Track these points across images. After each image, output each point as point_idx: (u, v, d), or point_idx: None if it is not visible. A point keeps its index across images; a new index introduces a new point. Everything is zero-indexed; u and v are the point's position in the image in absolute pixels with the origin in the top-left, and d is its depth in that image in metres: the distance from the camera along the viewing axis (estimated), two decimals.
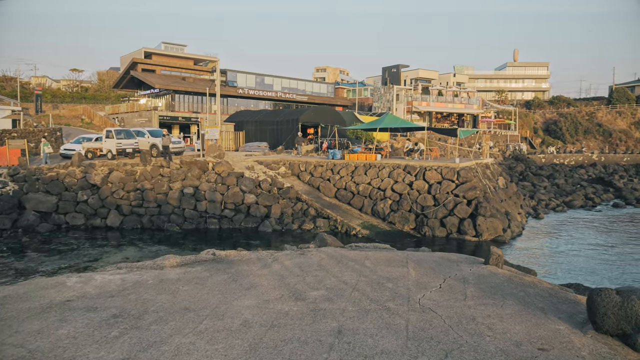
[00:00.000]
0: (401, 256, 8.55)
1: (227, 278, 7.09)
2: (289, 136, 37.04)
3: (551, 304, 6.16)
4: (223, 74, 61.30)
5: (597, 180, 44.75)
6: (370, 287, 6.66)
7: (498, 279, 7.19)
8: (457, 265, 8.00)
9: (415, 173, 24.12)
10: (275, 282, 6.88)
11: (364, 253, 8.69)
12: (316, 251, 8.77)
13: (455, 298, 6.27)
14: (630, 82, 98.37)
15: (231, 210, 24.10)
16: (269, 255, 8.58)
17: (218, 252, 8.54)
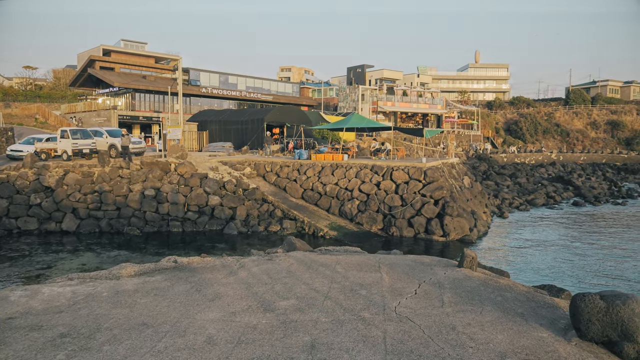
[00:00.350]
0: (373, 260, 8.23)
1: (190, 288, 6.59)
2: (254, 136, 36.41)
3: (530, 308, 5.94)
4: (185, 72, 60.06)
5: (557, 178, 45.87)
6: (343, 295, 6.30)
7: (473, 283, 6.94)
8: (431, 268, 7.73)
9: (383, 173, 23.97)
10: (242, 292, 6.43)
11: (334, 257, 8.32)
12: (285, 256, 8.35)
13: (432, 305, 5.97)
14: (586, 83, 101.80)
15: (195, 213, 23.39)
16: (234, 261, 8.10)
17: (180, 259, 8.00)
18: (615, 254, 18.92)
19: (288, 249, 9.17)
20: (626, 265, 17.27)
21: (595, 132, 77.56)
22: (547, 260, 17.57)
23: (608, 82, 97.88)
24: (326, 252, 8.95)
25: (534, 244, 20.52)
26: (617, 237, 22.08)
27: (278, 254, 8.53)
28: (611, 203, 33.51)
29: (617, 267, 16.89)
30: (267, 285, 6.68)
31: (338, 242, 21.20)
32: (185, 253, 19.31)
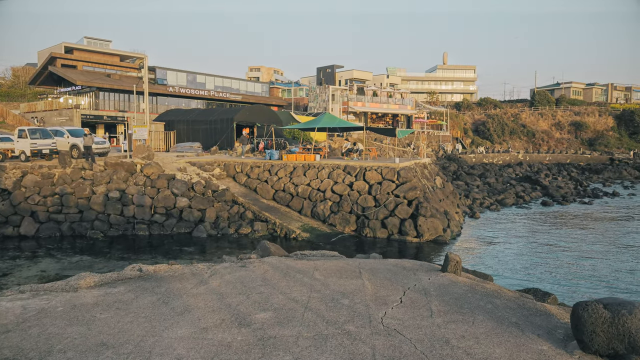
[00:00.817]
0: (353, 265, 7.78)
1: (156, 300, 6.00)
2: (224, 136, 35.60)
3: (523, 317, 5.60)
4: (152, 71, 58.56)
5: (525, 178, 46.56)
6: (324, 305, 5.82)
7: (460, 289, 6.58)
8: (414, 274, 7.34)
9: (356, 173, 23.63)
10: (214, 303, 5.88)
11: (312, 263, 7.85)
12: (259, 262, 7.82)
13: (420, 315, 5.56)
14: (550, 85, 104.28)
15: (162, 215, 22.56)
16: (205, 268, 7.53)
17: (145, 267, 7.38)
18: (587, 254, 19.04)
19: (262, 254, 8.65)
20: (600, 264, 17.37)
21: (559, 132, 79.39)
22: (524, 261, 17.52)
23: (571, 84, 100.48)
24: (303, 257, 8.46)
25: (508, 245, 20.50)
26: (587, 237, 22.31)
27: (252, 260, 8.00)
28: (578, 202, 34.08)
29: (592, 267, 16.96)
30: (241, 296, 6.15)
31: (311, 243, 20.76)
32: (152, 257, 18.56)
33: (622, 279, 15.40)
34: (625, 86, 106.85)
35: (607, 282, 14.96)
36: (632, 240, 21.67)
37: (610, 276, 15.68)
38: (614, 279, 15.39)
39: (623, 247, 20.28)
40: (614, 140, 76.08)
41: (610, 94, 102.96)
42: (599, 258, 18.21)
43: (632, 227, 24.79)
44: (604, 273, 15.99)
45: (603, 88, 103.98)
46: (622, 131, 78.46)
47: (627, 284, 14.81)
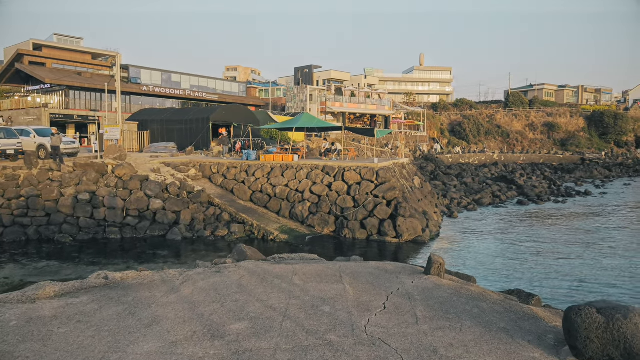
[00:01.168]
0: (333, 269, 7.45)
1: (122, 311, 5.55)
2: (200, 136, 34.92)
3: (511, 321, 5.34)
4: (125, 69, 57.28)
5: (501, 178, 46.98)
6: (304, 313, 5.47)
7: (445, 292, 6.31)
8: (397, 277, 7.04)
9: (334, 174, 23.33)
10: (186, 313, 5.46)
11: (290, 267, 7.48)
12: (235, 267, 7.42)
13: (405, 322, 5.25)
14: (523, 87, 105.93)
15: (135, 218, 21.89)
16: (177, 275, 7.09)
17: (112, 274, 6.91)
18: (564, 252, 19.11)
19: (238, 259, 8.24)
20: (577, 262, 17.42)
21: (533, 133, 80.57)
22: (503, 261, 17.45)
23: (544, 86, 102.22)
24: (281, 261, 8.09)
25: (487, 245, 20.46)
26: (563, 235, 22.45)
27: (227, 265, 7.59)
28: (553, 202, 34.46)
29: (569, 265, 16.98)
30: (215, 304, 5.74)
31: (289, 245, 20.40)
32: (124, 262, 17.96)
33: (598, 276, 15.45)
34: (595, 88, 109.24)
35: (585, 279, 14.97)
36: (605, 237, 21.89)
37: (587, 273, 15.70)
38: (591, 276, 15.41)
39: (597, 244, 20.44)
40: (584, 141, 77.57)
41: (581, 95, 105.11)
42: (576, 256, 18.29)
43: (604, 225, 25.09)
44: (581, 271, 16.01)
45: (574, 90, 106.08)
46: (592, 132, 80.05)
47: (604, 280, 14.85)
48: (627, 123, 78.38)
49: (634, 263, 17.32)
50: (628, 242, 20.98)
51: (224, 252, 19.64)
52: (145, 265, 17.82)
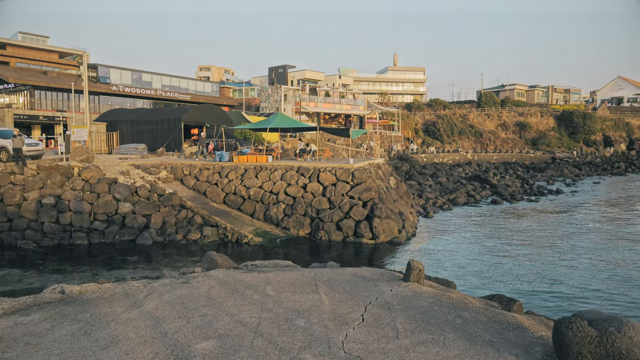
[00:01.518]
0: (308, 277, 7.08)
1: (77, 330, 5.06)
2: (171, 137, 34.12)
3: (496, 333, 5.06)
4: (93, 69, 55.82)
5: (474, 177, 47.33)
6: (277, 329, 5.08)
7: (425, 301, 6.01)
8: (375, 284, 6.71)
9: (309, 175, 22.97)
10: (148, 331, 5.01)
11: (263, 275, 7.08)
12: (204, 277, 6.98)
13: (385, 336, 4.91)
14: (495, 87, 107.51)
15: (102, 222, 21.12)
16: (141, 287, 6.61)
17: (69, 287, 6.38)
18: (540, 252, 19.14)
19: (208, 267, 7.80)
20: (552, 261, 17.44)
21: (505, 132, 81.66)
22: (481, 262, 17.31)
23: (515, 86, 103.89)
24: (253, 269, 7.68)
25: (463, 245, 20.37)
26: (538, 235, 22.56)
27: (196, 275, 7.14)
28: (526, 200, 34.79)
29: (545, 265, 16.98)
30: (180, 320, 5.31)
31: (264, 248, 19.98)
32: (91, 269, 17.27)
33: (576, 276, 15.46)
34: (564, 88, 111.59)
35: (563, 280, 14.94)
36: (579, 237, 22.07)
37: (565, 274, 15.70)
38: (569, 276, 15.41)
39: (571, 244, 20.57)
40: (555, 140, 78.97)
41: (551, 95, 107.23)
42: (552, 256, 18.32)
43: (577, 223, 25.36)
44: (558, 271, 15.99)
45: (544, 90, 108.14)
46: (562, 131, 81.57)
47: (582, 282, 14.85)
48: (595, 122, 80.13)
49: (610, 262, 17.44)
50: (601, 242, 21.19)
51: (196, 256, 19.10)
52: (114, 272, 17.16)
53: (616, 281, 14.92)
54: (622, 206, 32.05)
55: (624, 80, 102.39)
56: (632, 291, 13.74)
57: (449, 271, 15.86)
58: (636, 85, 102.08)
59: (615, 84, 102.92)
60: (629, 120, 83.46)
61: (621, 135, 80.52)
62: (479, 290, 13.18)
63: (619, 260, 17.69)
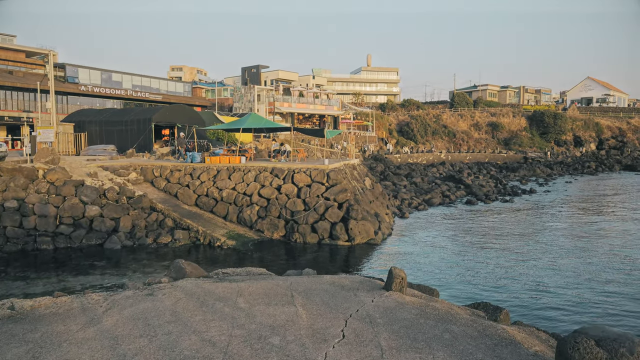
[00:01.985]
0: (283, 286, 6.63)
1: (24, 354, 4.51)
2: (141, 137, 33.16)
3: (488, 349, 4.71)
4: (61, 68, 54.19)
5: (449, 178, 47.51)
6: (249, 348, 4.62)
7: (410, 313, 5.63)
8: (355, 294, 6.31)
9: (284, 176, 22.50)
10: (105, 353, 4.49)
11: (235, 285, 6.61)
12: (171, 288, 6.47)
13: (369, 355, 4.51)
14: (468, 87, 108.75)
15: (69, 226, 20.29)
16: (101, 300, 6.06)
17: (20, 302, 5.79)
18: (516, 253, 19.09)
19: (176, 276, 7.27)
20: (530, 263, 17.38)
21: (478, 133, 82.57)
22: (459, 264, 17.06)
23: (487, 86, 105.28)
24: (224, 278, 7.19)
25: (440, 246, 20.16)
26: (513, 235, 22.57)
27: (162, 286, 6.62)
28: (500, 200, 34.97)
29: (524, 266, 16.90)
30: (142, 339, 4.80)
31: (237, 252, 19.43)
32: (57, 275, 16.48)
33: (553, 278, 15.39)
34: (535, 89, 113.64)
35: (543, 283, 14.81)
36: (554, 237, 22.17)
37: (544, 276, 15.59)
38: (547, 279, 15.31)
39: (547, 244, 20.61)
40: (526, 140, 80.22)
41: (522, 96, 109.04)
42: (529, 257, 18.25)
43: (552, 223, 25.53)
44: (538, 274, 15.88)
45: (515, 90, 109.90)
46: (533, 131, 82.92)
47: (562, 284, 14.77)
48: (565, 122, 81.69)
49: (590, 263, 17.46)
50: (578, 242, 21.31)
51: (167, 260, 18.46)
52: (80, 278, 16.40)
53: (597, 283, 14.88)
54: (596, 206, 32.54)
55: (593, 81, 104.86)
56: (615, 295, 13.67)
57: (428, 274, 15.60)
58: (605, 85, 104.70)
59: (584, 85, 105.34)
60: (598, 120, 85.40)
61: (591, 135, 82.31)
62: (462, 295, 12.87)
63: (598, 261, 17.73)
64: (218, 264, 17.98)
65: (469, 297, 12.72)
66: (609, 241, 21.11)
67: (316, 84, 79.43)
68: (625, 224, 25.39)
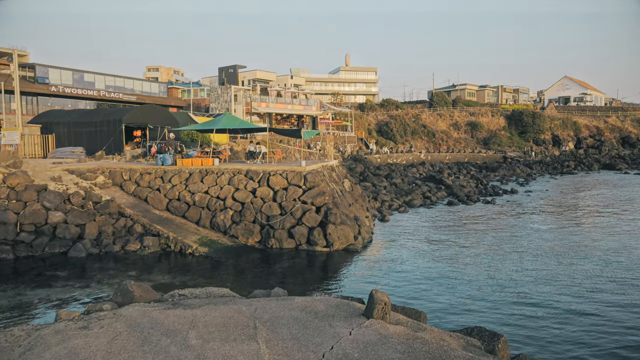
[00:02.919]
0: (246, 313, 5.67)
1: None
2: (111, 139, 31.78)
3: None
4: (31, 68, 52.28)
5: (429, 178, 46.99)
6: None
7: (395, 351, 4.73)
8: (330, 324, 5.38)
9: (259, 179, 21.49)
10: None
11: (190, 313, 5.62)
12: (112, 318, 5.45)
13: None
14: (447, 87, 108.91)
15: (30, 234, 19.15)
16: (23, 336, 5.02)
17: None
18: (504, 259, 18.40)
19: (122, 301, 6.24)
20: (522, 273, 16.68)
21: (457, 132, 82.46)
22: (444, 274, 16.01)
23: (466, 85, 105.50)
24: (179, 302, 6.19)
25: (422, 252, 19.31)
26: (498, 238, 21.95)
27: (102, 315, 5.59)
28: (482, 202, 34.41)
29: (515, 276, 16.20)
30: None
31: (209, 259, 18.44)
32: (14, 287, 15.39)
33: (546, 290, 14.69)
34: (513, 88, 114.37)
35: (536, 295, 14.07)
36: (541, 240, 21.59)
37: (535, 287, 14.86)
38: (539, 291, 14.58)
39: (534, 248, 19.99)
40: (505, 139, 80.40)
41: (501, 95, 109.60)
42: (517, 264, 17.47)
43: (537, 226, 25.00)
44: (529, 285, 15.02)
45: (494, 90, 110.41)
46: (512, 130, 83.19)
47: (556, 296, 14.09)
48: (544, 122, 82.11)
49: (583, 270, 16.80)
50: (565, 245, 20.74)
51: (136, 269, 17.37)
52: (39, 291, 15.23)
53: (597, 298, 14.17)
54: (579, 206, 32.22)
55: (570, 80, 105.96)
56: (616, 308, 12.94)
57: (412, 286, 14.65)
58: (582, 84, 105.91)
59: (561, 84, 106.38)
60: (576, 119, 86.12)
61: (569, 134, 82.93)
62: (451, 311, 11.78)
63: (594, 268, 17.06)
64: (189, 273, 16.93)
65: (459, 314, 11.75)
66: (603, 245, 20.51)
67: (294, 84, 78.43)
68: (622, 227, 24.95)
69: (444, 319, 11.15)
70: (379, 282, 14.96)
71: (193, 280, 16.06)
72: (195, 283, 15.78)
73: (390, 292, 13.82)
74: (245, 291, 14.44)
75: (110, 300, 6.41)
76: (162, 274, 16.92)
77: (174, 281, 15.99)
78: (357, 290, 14.17)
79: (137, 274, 16.95)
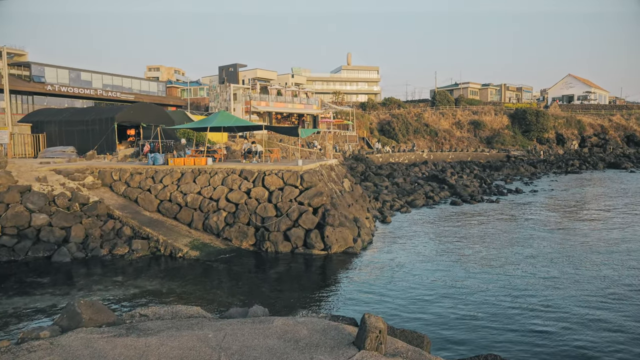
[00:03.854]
0: (212, 342, 4.64)
1: None
2: (103, 138, 30.81)
3: None
4: (26, 67, 51.47)
5: (432, 177, 45.92)
6: None
7: None
8: (311, 357, 4.35)
9: (253, 179, 20.48)
10: None
11: (142, 343, 4.59)
12: (47, 349, 4.43)
13: None
14: (449, 85, 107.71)
15: (12, 237, 18.32)
16: None
17: None
18: (516, 267, 17.30)
19: (67, 325, 5.22)
20: (536, 279, 15.64)
21: (460, 131, 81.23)
22: (449, 283, 14.66)
23: (469, 84, 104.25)
24: (136, 327, 5.16)
25: (425, 256, 18.17)
26: (508, 242, 20.87)
27: (36, 345, 4.58)
28: (486, 201, 33.29)
29: (530, 287, 15.14)
30: None
31: (200, 263, 17.49)
32: None
33: (565, 304, 13.63)
34: (516, 87, 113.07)
35: (557, 314, 12.96)
36: (550, 244, 20.52)
37: (551, 299, 13.78)
38: (557, 303, 13.52)
39: (548, 253, 18.92)
40: (509, 138, 79.13)
41: (504, 93, 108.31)
42: (529, 271, 16.29)
43: (545, 227, 23.93)
44: (549, 301, 13.52)
45: (497, 88, 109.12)
46: (515, 129, 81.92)
47: (574, 312, 13.03)
48: (547, 120, 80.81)
49: (600, 274, 15.76)
50: (578, 249, 19.67)
51: (124, 274, 16.42)
52: (18, 300, 14.28)
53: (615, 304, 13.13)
54: (587, 206, 31.12)
55: (574, 78, 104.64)
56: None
57: (413, 296, 13.47)
58: (586, 83, 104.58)
59: (565, 82, 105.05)
60: (580, 117, 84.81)
61: (573, 133, 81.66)
62: (458, 331, 10.51)
63: (609, 274, 15.99)
64: (177, 279, 15.93)
65: (467, 331, 10.40)
66: (622, 248, 19.41)
67: (295, 82, 77.39)
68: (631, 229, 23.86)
69: (450, 340, 9.79)
70: (377, 292, 13.89)
71: (181, 287, 15.08)
72: (183, 290, 14.81)
73: (388, 304, 12.74)
74: (227, 303, 13.39)
75: (54, 323, 5.39)
76: (149, 279, 15.96)
77: (162, 288, 15.03)
78: (353, 302, 13.12)
79: (123, 279, 16.00)
